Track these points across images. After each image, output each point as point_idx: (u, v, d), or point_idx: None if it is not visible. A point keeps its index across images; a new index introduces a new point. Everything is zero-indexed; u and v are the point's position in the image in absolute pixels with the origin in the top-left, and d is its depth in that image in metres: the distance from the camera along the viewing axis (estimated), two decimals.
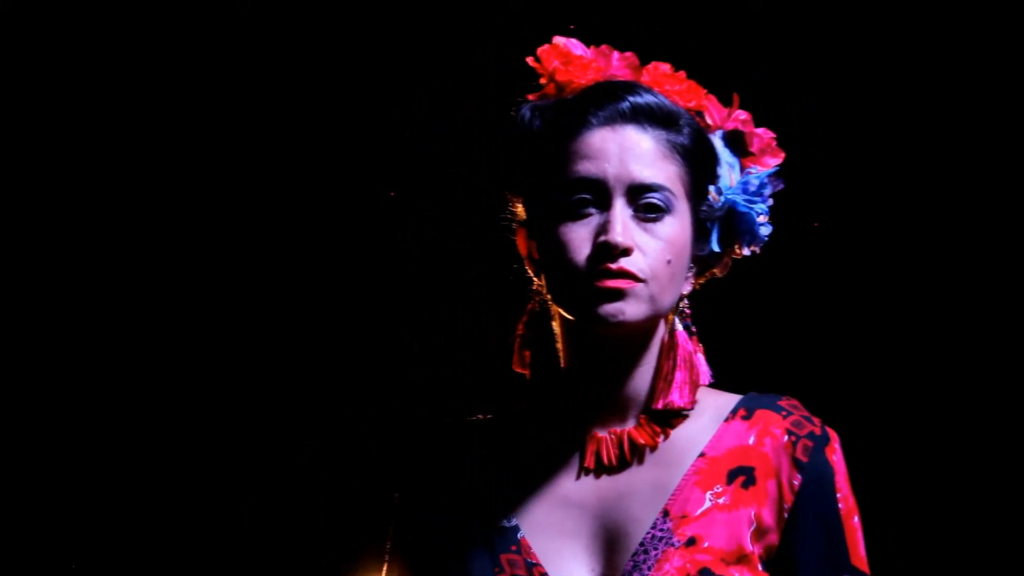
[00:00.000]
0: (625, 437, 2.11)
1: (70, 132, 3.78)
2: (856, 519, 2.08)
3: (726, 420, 2.11)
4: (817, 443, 2.08)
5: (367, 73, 3.80)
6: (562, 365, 2.14)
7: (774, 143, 2.17)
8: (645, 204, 2.05)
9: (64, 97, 3.76)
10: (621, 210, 2.04)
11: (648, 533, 2.05)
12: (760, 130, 2.17)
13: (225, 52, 3.78)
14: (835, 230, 3.60)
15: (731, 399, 2.15)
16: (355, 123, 3.83)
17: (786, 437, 2.08)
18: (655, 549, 2.03)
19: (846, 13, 3.59)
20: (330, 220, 3.88)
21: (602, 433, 2.12)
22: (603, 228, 2.03)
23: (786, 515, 2.05)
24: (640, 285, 2.04)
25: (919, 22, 3.58)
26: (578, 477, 2.11)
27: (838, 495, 2.07)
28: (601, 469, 2.11)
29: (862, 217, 3.64)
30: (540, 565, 2.07)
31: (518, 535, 2.09)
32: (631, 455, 2.10)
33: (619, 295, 2.03)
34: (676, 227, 2.07)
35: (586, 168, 2.06)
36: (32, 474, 3.84)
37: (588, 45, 2.15)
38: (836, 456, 2.09)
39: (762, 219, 2.14)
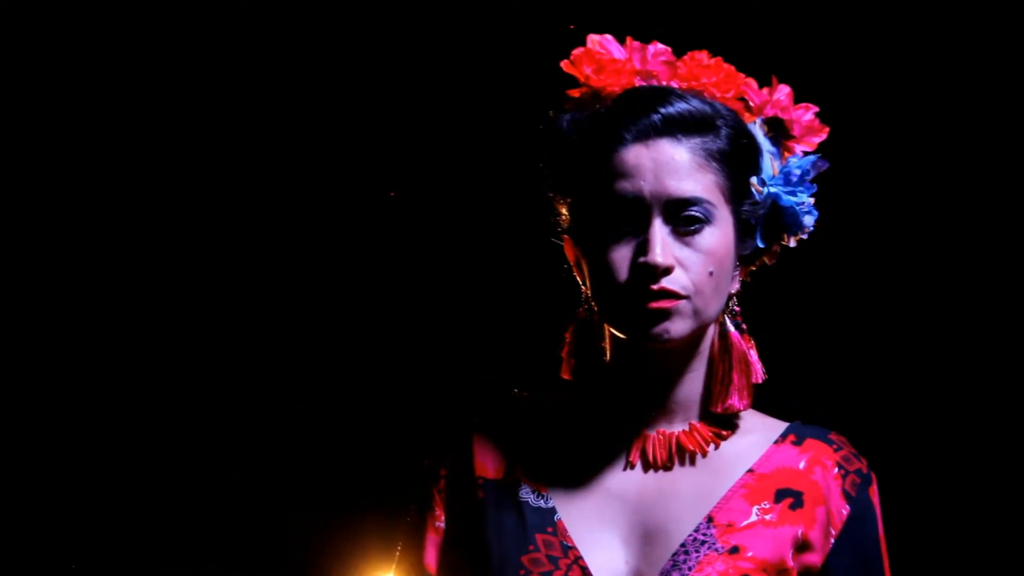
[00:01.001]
0: (674, 440, 2.12)
1: (70, 132, 3.77)
2: (887, 561, 2.15)
3: (776, 442, 2.15)
4: (863, 481, 2.14)
5: (367, 73, 3.80)
6: (608, 365, 2.14)
7: (816, 122, 2.15)
8: (684, 218, 2.04)
9: (64, 97, 3.75)
10: (659, 228, 2.03)
11: (690, 536, 2.07)
12: (800, 111, 2.14)
13: (225, 52, 3.78)
14: (843, 232, 3.60)
15: (778, 423, 2.18)
16: (356, 123, 3.83)
17: (836, 469, 2.13)
18: (697, 552, 2.05)
19: (847, 11, 3.60)
20: (330, 219, 3.89)
21: (650, 432, 2.13)
22: (642, 248, 2.03)
23: (832, 541, 2.10)
24: (683, 302, 2.04)
25: (920, 20, 3.59)
26: (623, 470, 2.12)
27: (879, 534, 2.14)
28: (646, 467, 2.12)
29: (866, 218, 3.65)
30: (576, 548, 2.07)
31: (555, 517, 2.09)
32: (678, 458, 2.12)
33: (663, 315, 2.03)
34: (717, 236, 2.06)
35: (622, 187, 2.04)
36: (32, 474, 3.83)
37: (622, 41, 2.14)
38: (876, 498, 2.15)
39: (807, 206, 2.12)
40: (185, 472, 3.88)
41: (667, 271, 2.02)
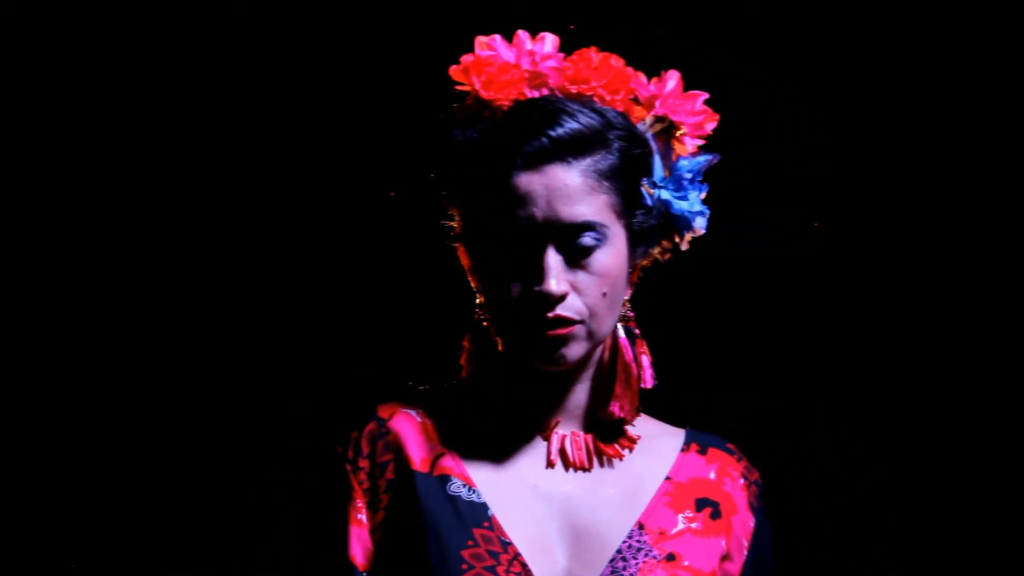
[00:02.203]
0: (590, 442, 2.14)
1: (70, 132, 3.80)
2: None
3: (682, 450, 2.18)
4: (760, 492, 2.19)
5: (366, 72, 3.80)
6: (506, 362, 2.15)
7: (704, 115, 2.14)
8: (576, 243, 2.05)
9: (64, 97, 3.78)
10: (552, 255, 2.04)
11: (625, 542, 2.09)
12: (688, 107, 2.12)
13: (224, 52, 3.79)
14: (834, 230, 3.57)
15: (677, 430, 2.21)
16: (357, 122, 3.84)
17: (742, 480, 2.18)
18: (635, 559, 2.07)
19: (847, 10, 3.57)
20: (330, 219, 3.89)
21: (564, 432, 2.14)
22: (536, 275, 2.04)
23: (745, 553, 2.15)
24: (578, 326, 2.06)
25: (921, 19, 3.55)
26: (544, 469, 2.13)
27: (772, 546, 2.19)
28: (566, 467, 2.13)
29: (860, 217, 3.61)
30: (513, 544, 2.07)
31: (488, 512, 2.09)
32: (597, 460, 2.14)
33: (560, 342, 2.06)
34: (610, 255, 2.07)
35: (514, 214, 2.04)
36: (32, 474, 3.86)
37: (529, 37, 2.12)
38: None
39: (698, 208, 2.12)
40: (185, 472, 3.90)
41: (561, 298, 2.03)
